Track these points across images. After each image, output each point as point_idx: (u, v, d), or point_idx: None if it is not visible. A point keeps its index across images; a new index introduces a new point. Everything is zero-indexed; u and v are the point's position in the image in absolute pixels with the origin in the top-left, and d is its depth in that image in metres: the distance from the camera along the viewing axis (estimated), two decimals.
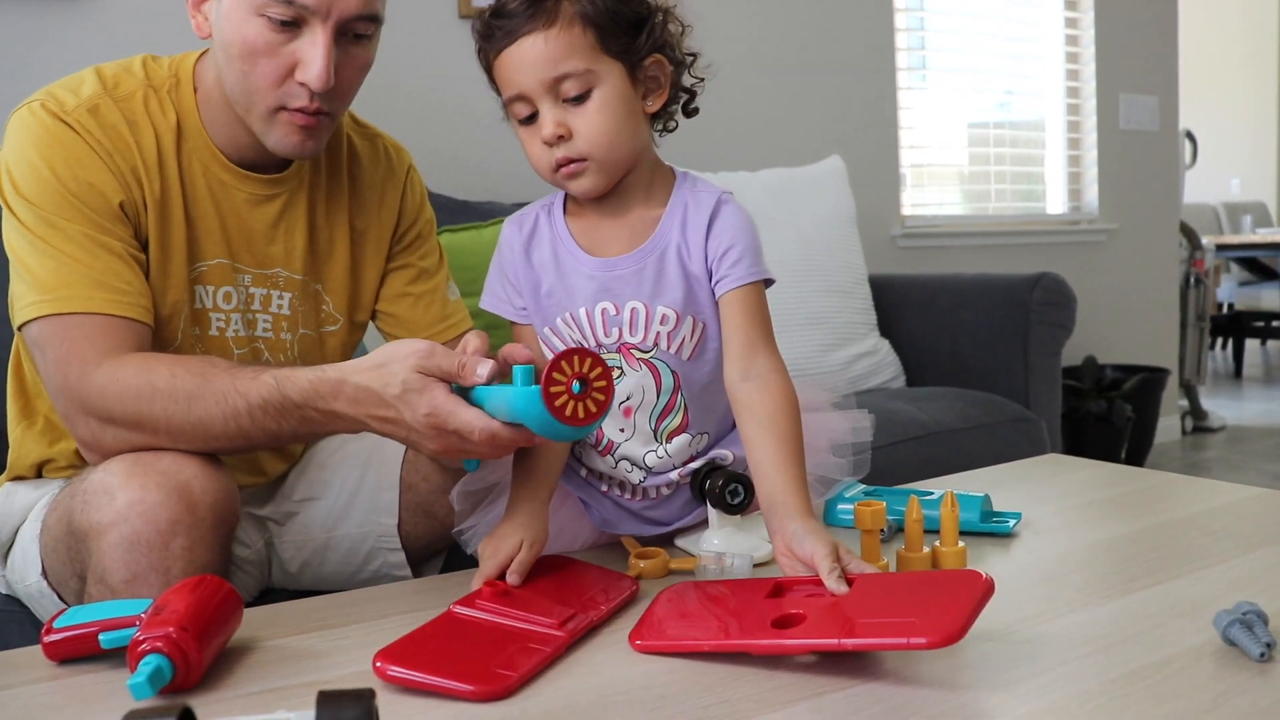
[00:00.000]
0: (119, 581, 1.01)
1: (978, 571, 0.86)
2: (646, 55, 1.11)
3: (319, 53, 1.14)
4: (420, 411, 0.97)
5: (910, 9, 3.42)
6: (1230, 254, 6.14)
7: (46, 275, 1.12)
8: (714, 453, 1.19)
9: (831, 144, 3.08)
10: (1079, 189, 3.88)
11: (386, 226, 1.39)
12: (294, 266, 1.31)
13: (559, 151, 1.09)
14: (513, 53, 1.07)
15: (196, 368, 1.09)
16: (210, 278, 1.25)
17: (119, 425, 1.08)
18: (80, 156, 1.15)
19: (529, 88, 1.07)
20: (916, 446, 2.07)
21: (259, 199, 1.28)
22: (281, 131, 1.19)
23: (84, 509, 1.05)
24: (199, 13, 1.20)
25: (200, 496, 1.05)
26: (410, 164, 1.44)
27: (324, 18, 1.14)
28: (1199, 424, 4.37)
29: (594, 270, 1.14)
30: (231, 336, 1.28)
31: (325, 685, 0.77)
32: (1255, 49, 8.02)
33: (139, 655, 0.81)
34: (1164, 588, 1.00)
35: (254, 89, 1.17)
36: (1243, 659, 0.82)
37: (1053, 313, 2.48)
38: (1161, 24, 3.96)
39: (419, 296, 1.41)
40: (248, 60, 1.15)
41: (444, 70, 2.50)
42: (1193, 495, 1.38)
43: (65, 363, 1.10)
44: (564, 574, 1.05)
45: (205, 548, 1.05)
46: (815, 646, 0.84)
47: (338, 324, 1.38)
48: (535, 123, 1.09)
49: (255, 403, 1.05)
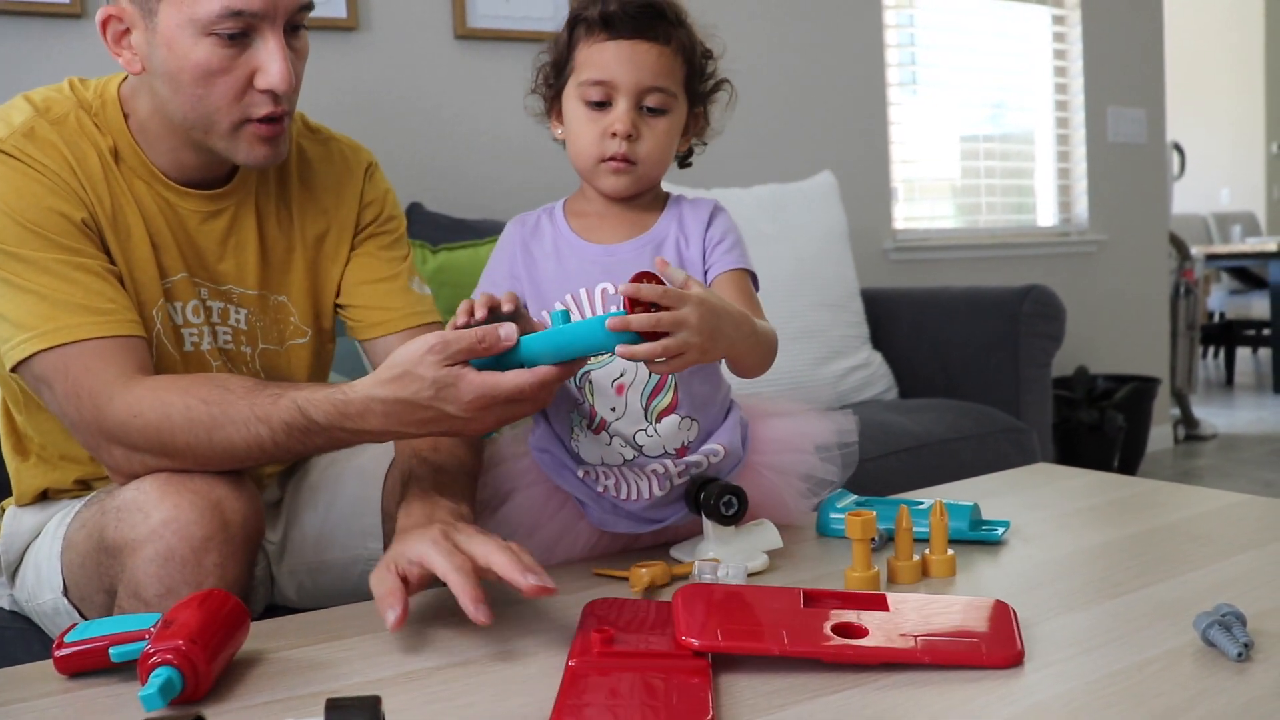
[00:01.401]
0: (153, 595, 1.04)
1: (1002, 601, 0.96)
2: (699, 104, 1.26)
3: (276, 56, 1.12)
4: (464, 400, 1.00)
5: (901, 25, 3.46)
6: (1220, 264, 6.19)
7: (26, 312, 1.10)
8: (705, 447, 1.22)
9: (823, 159, 3.11)
10: (1069, 201, 3.92)
11: (346, 223, 1.36)
12: (247, 282, 1.29)
13: (619, 147, 1.18)
14: (625, 47, 1.16)
15: (211, 395, 1.08)
16: (178, 294, 1.24)
17: (146, 453, 1.09)
18: (28, 183, 1.12)
19: (624, 82, 1.17)
20: (908, 458, 2.10)
21: (204, 215, 1.25)
22: (248, 144, 1.17)
23: (117, 525, 1.07)
24: (124, 49, 1.15)
25: (232, 515, 1.07)
26: (370, 161, 1.40)
27: (272, 20, 1.12)
28: (1191, 432, 4.40)
29: (596, 255, 1.22)
30: (207, 350, 1.27)
31: (332, 694, 0.79)
32: (1241, 60, 8.08)
33: (150, 668, 0.83)
34: (1147, 591, 1.03)
35: (213, 109, 1.14)
36: (1221, 659, 0.85)
37: (1043, 324, 2.51)
38: (1148, 38, 4.01)
39: (377, 283, 1.36)
40: (202, 83, 1.12)
41: (441, 90, 2.54)
42: (1178, 502, 1.41)
43: (76, 397, 1.10)
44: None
45: (236, 563, 1.08)
46: (894, 656, 0.86)
47: (305, 336, 1.36)
48: (603, 111, 1.18)
49: (278, 427, 1.07)
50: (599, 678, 0.84)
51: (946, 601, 0.99)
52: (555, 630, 0.99)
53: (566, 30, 1.21)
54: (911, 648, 0.87)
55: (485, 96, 2.61)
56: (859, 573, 1.07)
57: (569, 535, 1.25)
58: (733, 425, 1.25)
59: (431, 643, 0.98)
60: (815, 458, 1.28)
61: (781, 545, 1.20)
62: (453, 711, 0.82)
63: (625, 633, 0.93)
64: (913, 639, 0.88)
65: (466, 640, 0.98)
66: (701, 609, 0.93)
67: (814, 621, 0.92)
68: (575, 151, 1.22)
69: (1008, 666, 0.86)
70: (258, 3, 1.10)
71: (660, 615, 0.97)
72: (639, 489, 1.22)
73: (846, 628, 0.91)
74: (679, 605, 0.93)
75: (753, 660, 0.88)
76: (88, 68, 2.16)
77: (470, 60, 2.60)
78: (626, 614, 0.99)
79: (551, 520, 1.23)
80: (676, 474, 1.21)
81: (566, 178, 1.29)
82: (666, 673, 0.84)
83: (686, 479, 1.22)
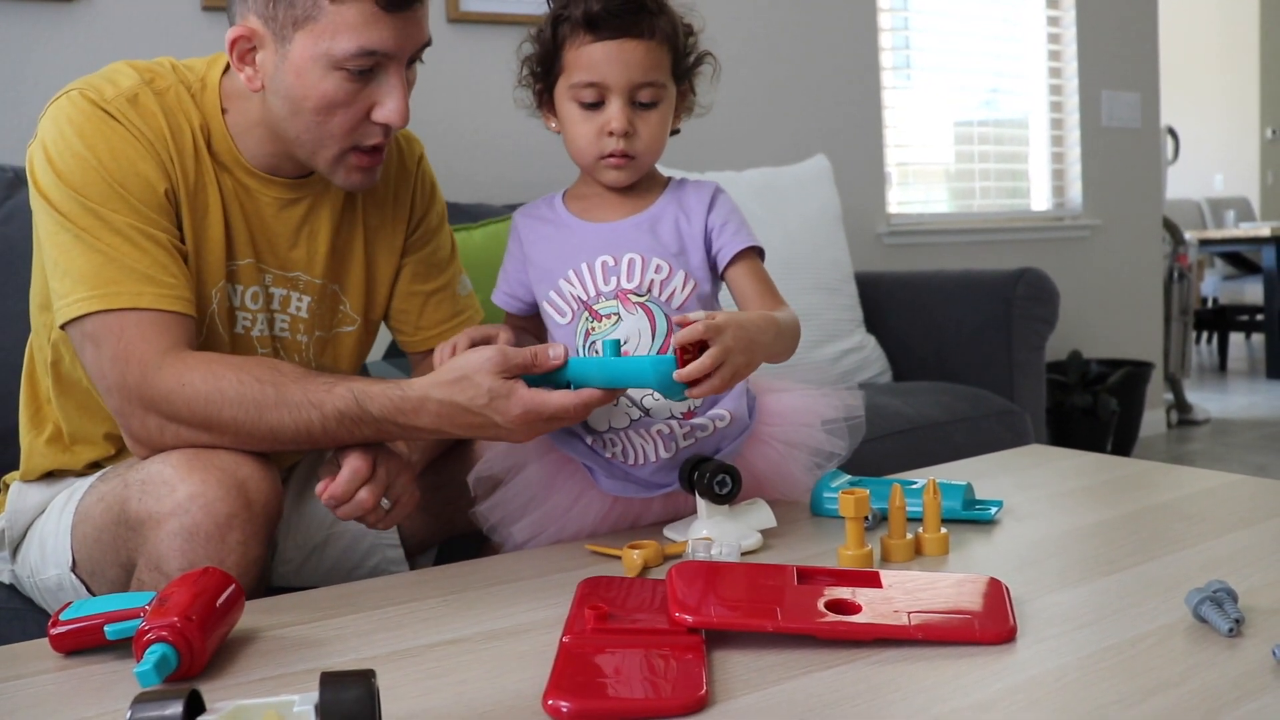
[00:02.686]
0: (175, 569, 1.05)
1: (995, 579, 0.97)
2: (684, 81, 1.28)
3: (396, 93, 1.17)
4: (513, 413, 1.07)
5: (895, 9, 3.45)
6: (1214, 249, 6.20)
7: (92, 270, 1.11)
8: (712, 412, 1.24)
9: (817, 143, 3.11)
10: (1063, 185, 3.92)
11: (400, 222, 1.40)
12: (315, 271, 1.32)
13: (617, 144, 1.21)
14: (611, 48, 1.18)
15: (265, 375, 1.11)
16: (241, 277, 1.26)
17: (185, 425, 1.10)
18: (124, 145, 1.15)
19: (615, 82, 1.18)
20: (902, 440, 2.10)
21: (283, 203, 1.28)
22: (347, 172, 1.22)
23: (141, 498, 1.08)
24: (248, 65, 1.17)
25: (255, 494, 1.09)
26: (421, 154, 1.44)
27: (399, 59, 1.16)
28: (1184, 417, 4.41)
29: (596, 231, 1.26)
30: (257, 336, 1.29)
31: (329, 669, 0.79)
32: (1236, 45, 8.08)
33: (145, 645, 0.84)
34: (1140, 569, 1.03)
35: (329, 135, 1.18)
36: (1213, 634, 0.85)
37: (1035, 307, 2.51)
38: (1142, 21, 4.01)
39: (429, 295, 1.43)
40: (324, 112, 1.16)
41: (433, 75, 2.52)
42: (1170, 482, 1.42)
43: (124, 360, 1.11)
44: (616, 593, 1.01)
45: (258, 542, 1.09)
46: (887, 633, 0.87)
47: (354, 324, 1.39)
48: (596, 111, 1.20)
49: (330, 414, 1.10)
50: (593, 654, 0.84)
51: (939, 579, 0.99)
52: (550, 608, 1.00)
53: (550, 28, 1.22)
54: (904, 624, 0.87)
55: (479, 80, 2.61)
56: (852, 550, 1.08)
57: (580, 503, 1.26)
58: (738, 393, 1.26)
59: (426, 620, 0.99)
60: (822, 431, 1.30)
61: (775, 524, 1.21)
62: (447, 688, 0.83)
63: (619, 610, 0.93)
64: (905, 615, 0.89)
65: (461, 618, 0.99)
66: (695, 586, 0.93)
67: (807, 598, 0.92)
68: (574, 149, 1.25)
69: (1000, 642, 0.86)
70: (390, 43, 1.14)
71: (655, 593, 0.97)
72: (645, 452, 1.24)
73: (840, 604, 0.91)
74: (673, 582, 0.93)
75: (746, 637, 0.88)
76: (83, 53, 2.17)
77: (463, 44, 2.59)
78: (621, 591, 0.99)
79: (562, 490, 1.26)
80: (682, 435, 1.23)
81: (561, 160, 1.30)
82: (661, 649, 0.85)
83: (693, 441, 1.23)
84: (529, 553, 1.24)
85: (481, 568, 1.17)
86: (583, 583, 1.01)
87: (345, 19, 1.11)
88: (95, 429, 1.26)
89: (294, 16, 1.12)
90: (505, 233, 2.10)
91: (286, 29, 1.13)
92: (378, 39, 1.12)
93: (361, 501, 1.13)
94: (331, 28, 1.11)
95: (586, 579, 1.02)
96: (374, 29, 1.12)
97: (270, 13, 1.13)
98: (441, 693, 0.82)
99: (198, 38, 2.24)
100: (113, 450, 1.27)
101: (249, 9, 1.15)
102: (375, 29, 1.12)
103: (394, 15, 1.13)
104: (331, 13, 1.11)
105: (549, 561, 1.17)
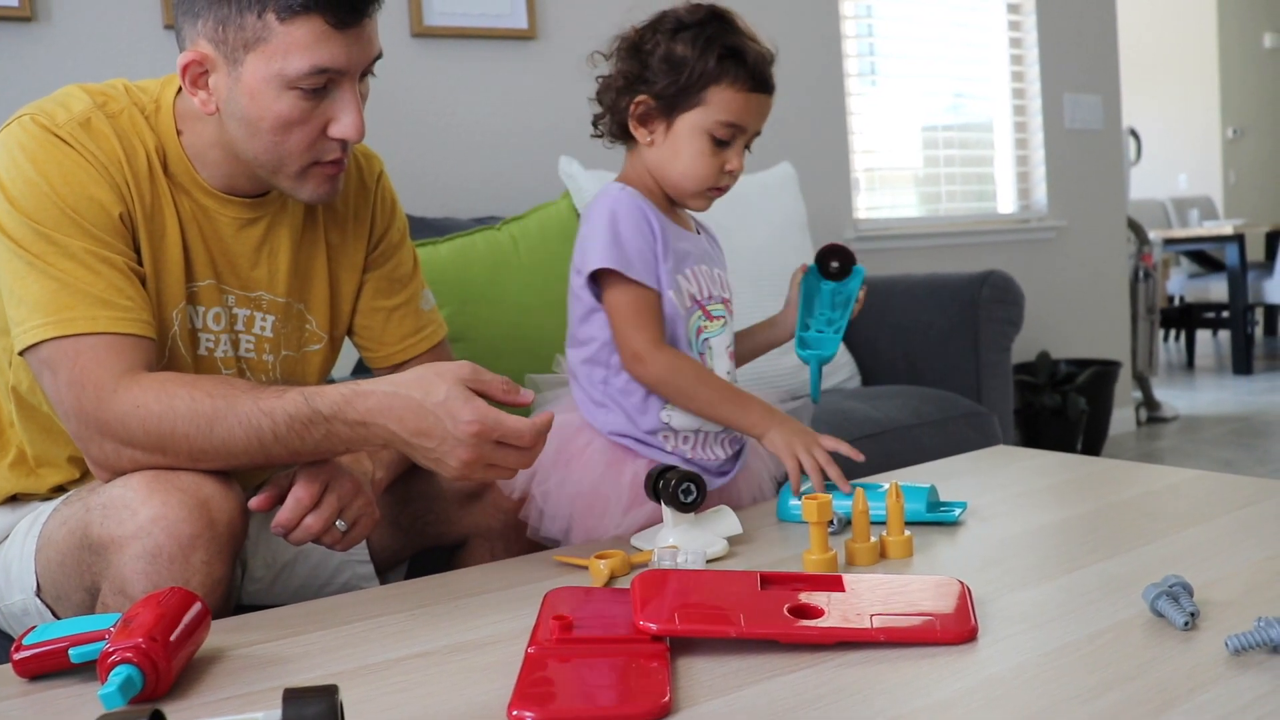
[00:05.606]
0: (139, 592, 1.04)
1: (957, 580, 0.98)
2: None
3: (352, 108, 1.17)
4: (463, 419, 1.05)
5: (858, 16, 3.48)
6: (1178, 248, 6.27)
7: (47, 297, 1.11)
8: None
9: (782, 150, 3.12)
10: (1028, 188, 3.96)
11: (361, 239, 1.40)
12: (277, 289, 1.32)
13: (729, 181, 1.36)
14: (759, 101, 1.33)
15: (217, 389, 1.10)
16: (202, 298, 1.26)
17: (140, 449, 1.10)
18: (77, 169, 1.14)
19: (750, 129, 1.34)
20: (871, 444, 2.11)
21: (242, 223, 1.28)
22: (314, 185, 1.22)
23: (103, 522, 1.07)
24: (201, 89, 1.17)
25: (218, 513, 1.08)
26: (381, 171, 1.44)
27: (352, 75, 1.17)
28: (1153, 414, 4.46)
29: (695, 241, 1.41)
30: (220, 357, 1.29)
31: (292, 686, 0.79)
32: (1195, 47, 8.18)
33: (109, 666, 0.83)
34: (1099, 566, 1.05)
35: (288, 154, 1.18)
36: (1169, 628, 0.87)
37: (1001, 309, 2.53)
38: (1101, 24, 4.05)
39: (392, 310, 1.42)
40: (281, 132, 1.16)
41: (399, 88, 2.53)
42: (1132, 479, 1.43)
43: (80, 385, 1.10)
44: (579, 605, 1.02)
45: (222, 562, 1.09)
46: (850, 635, 0.88)
47: (321, 342, 1.39)
48: (722, 148, 1.32)
49: (280, 420, 1.09)
50: (558, 663, 0.85)
51: (902, 581, 1.00)
52: (516, 619, 1.00)
53: (700, 60, 1.28)
54: (867, 627, 0.88)
55: (443, 95, 2.61)
56: (817, 555, 1.09)
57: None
58: None
59: (392, 635, 0.99)
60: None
61: (741, 531, 1.22)
62: (413, 701, 0.83)
63: (584, 620, 0.93)
64: (868, 618, 0.90)
65: (427, 632, 0.99)
66: (659, 594, 0.94)
67: (771, 604, 0.93)
68: (681, 174, 1.33)
69: (962, 642, 0.87)
70: (342, 60, 1.14)
71: (620, 602, 0.98)
72: (714, 451, 1.39)
73: (803, 609, 0.92)
74: (637, 590, 0.93)
75: (710, 643, 0.89)
76: (41, 72, 2.16)
77: (427, 58, 2.60)
78: (586, 602, 1.00)
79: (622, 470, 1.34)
80: (730, 440, 1.41)
81: (525, 175, 1.32)
82: (625, 657, 0.85)
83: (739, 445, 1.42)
84: (497, 565, 1.24)
85: (449, 581, 1.17)
86: (549, 593, 1.01)
87: (296, 38, 1.11)
88: (59, 452, 1.26)
89: (244, 39, 1.12)
90: (472, 247, 2.12)
91: (238, 51, 1.13)
92: (329, 56, 1.13)
93: (309, 527, 1.13)
94: (283, 48, 1.11)
95: (553, 590, 1.03)
96: (325, 47, 1.12)
97: (221, 36, 1.13)
98: (406, 707, 0.82)
99: (159, 56, 2.24)
100: (77, 473, 1.27)
101: (199, 33, 1.15)
102: (326, 47, 1.12)
103: (344, 32, 1.13)
104: (282, 33, 1.11)
105: (516, 573, 1.17)
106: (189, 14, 1.15)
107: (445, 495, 1.40)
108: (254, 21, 1.11)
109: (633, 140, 1.36)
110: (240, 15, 1.11)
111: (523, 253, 2.19)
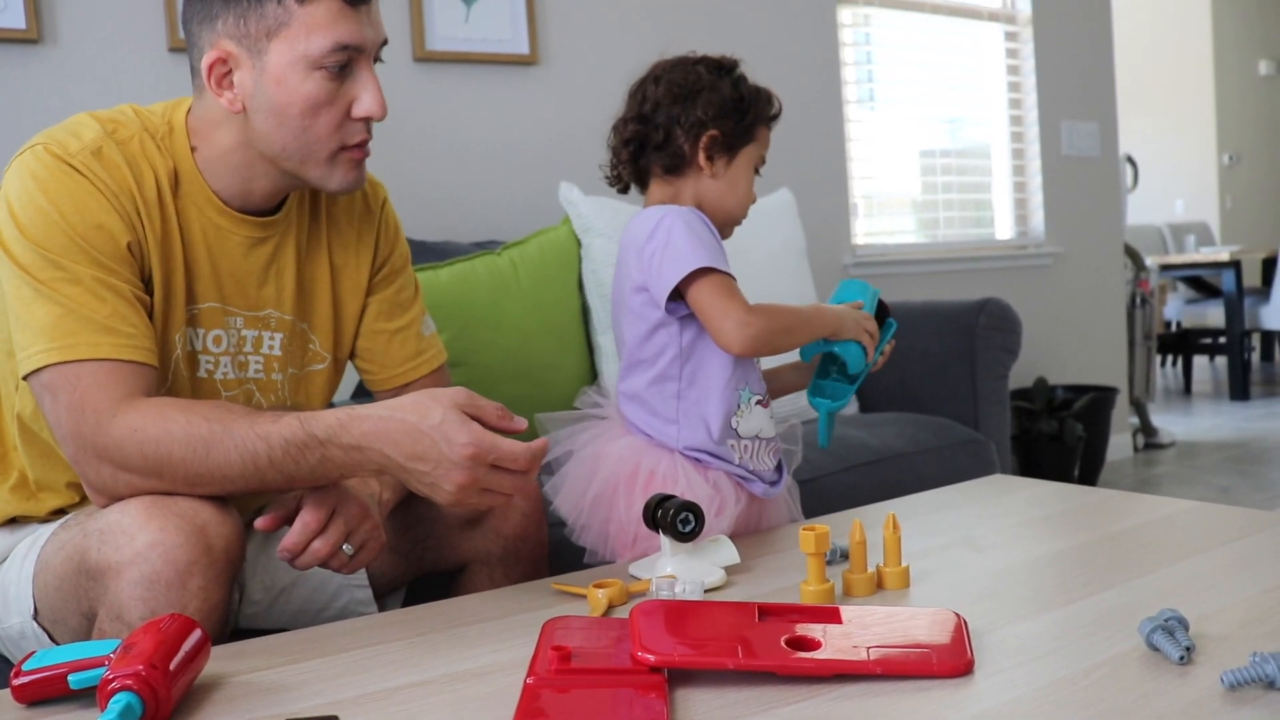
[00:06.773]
0: (136, 618, 1.04)
1: (954, 612, 0.98)
2: None
3: (373, 86, 1.22)
4: (458, 441, 1.07)
5: (857, 44, 3.50)
6: (1175, 273, 6.29)
7: (51, 322, 1.12)
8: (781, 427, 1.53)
9: (781, 177, 3.13)
10: (1025, 214, 3.98)
11: (365, 262, 1.42)
12: (284, 307, 1.34)
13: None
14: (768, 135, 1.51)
15: (214, 414, 1.11)
16: (202, 321, 1.27)
17: (136, 474, 1.10)
18: (87, 199, 1.16)
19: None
20: (868, 471, 2.12)
21: (253, 241, 1.30)
22: (343, 170, 1.25)
23: (100, 548, 1.08)
24: (227, 89, 1.20)
25: (215, 539, 1.09)
26: (385, 198, 1.47)
27: (368, 54, 1.22)
28: (1150, 440, 4.46)
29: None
30: (220, 379, 1.30)
31: (291, 717, 0.79)
32: (1191, 74, 8.22)
33: (109, 694, 0.83)
34: (1095, 599, 1.05)
35: (316, 139, 1.21)
36: (1164, 663, 0.87)
37: (998, 337, 2.54)
38: (1098, 52, 4.08)
39: (394, 333, 1.44)
40: (310, 115, 1.19)
41: (400, 112, 2.54)
42: (1128, 510, 1.44)
43: (79, 410, 1.11)
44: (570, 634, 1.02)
45: (219, 587, 1.09)
46: (847, 668, 0.88)
47: (324, 362, 1.40)
48: (756, 176, 1.50)
49: (276, 444, 1.10)
50: (556, 694, 0.85)
51: (899, 613, 1.01)
52: (514, 649, 1.00)
53: (751, 107, 1.46)
54: (864, 659, 0.89)
55: (444, 119, 2.63)
56: (814, 586, 1.09)
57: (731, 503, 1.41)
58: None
59: (392, 663, 0.99)
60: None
61: (739, 561, 1.22)
62: None
63: (583, 650, 0.94)
64: (865, 650, 0.90)
65: (426, 660, 0.99)
66: (658, 624, 0.94)
67: (769, 635, 0.93)
68: (737, 203, 1.48)
69: (958, 675, 0.88)
70: (360, 36, 1.20)
71: (618, 632, 0.98)
72: (765, 460, 1.46)
73: (800, 641, 0.92)
74: (635, 621, 0.94)
75: (708, 674, 0.89)
76: (47, 94, 2.17)
77: (429, 83, 2.61)
78: (585, 631, 1.00)
79: (716, 489, 1.40)
80: (772, 451, 1.49)
81: (526, 200, 1.33)
82: (623, 688, 0.86)
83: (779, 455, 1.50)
84: (495, 593, 1.24)
85: (448, 609, 1.18)
86: (547, 623, 1.02)
87: (315, 18, 1.16)
88: (59, 477, 1.26)
89: (266, 27, 1.17)
90: (472, 272, 2.13)
91: (260, 41, 1.17)
92: (348, 33, 1.18)
93: (316, 552, 1.14)
94: (304, 29, 1.16)
95: (551, 619, 1.03)
96: (343, 23, 1.18)
97: (243, 30, 1.17)
98: None
99: (165, 79, 2.26)
100: (77, 498, 1.27)
101: (218, 34, 1.18)
102: (344, 23, 1.18)
103: (357, 9, 1.19)
104: (302, 15, 1.16)
105: (514, 602, 1.18)
106: (205, 19, 1.19)
107: (445, 520, 1.41)
108: (274, 8, 1.16)
109: (672, 174, 1.46)
110: (260, 5, 1.16)
111: (523, 278, 2.20)
